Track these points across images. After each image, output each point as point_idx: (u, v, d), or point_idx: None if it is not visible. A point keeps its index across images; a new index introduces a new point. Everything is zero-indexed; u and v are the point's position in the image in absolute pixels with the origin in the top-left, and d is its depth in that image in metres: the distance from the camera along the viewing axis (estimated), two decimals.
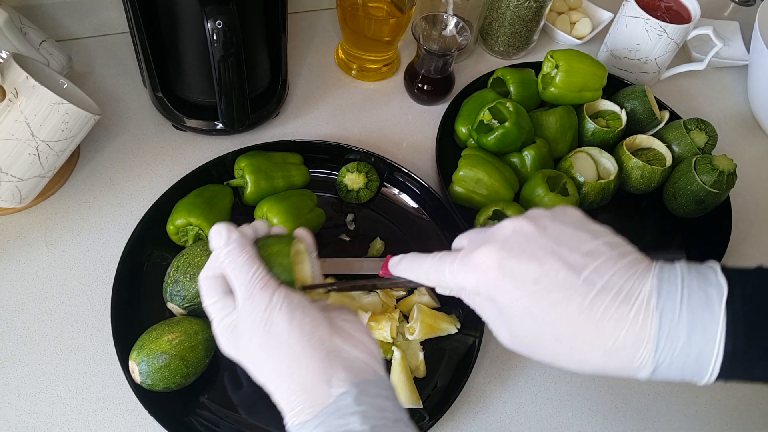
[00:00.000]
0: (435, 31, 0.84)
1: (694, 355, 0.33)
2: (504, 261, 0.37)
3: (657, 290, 0.34)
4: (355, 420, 0.37)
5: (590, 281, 0.35)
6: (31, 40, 0.71)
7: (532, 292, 0.36)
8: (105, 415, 0.59)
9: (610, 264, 0.36)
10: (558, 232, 0.38)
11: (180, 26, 0.67)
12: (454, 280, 0.40)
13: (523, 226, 0.38)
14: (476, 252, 0.38)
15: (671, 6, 0.90)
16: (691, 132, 0.81)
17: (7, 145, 0.61)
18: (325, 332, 0.40)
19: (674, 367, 0.34)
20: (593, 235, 0.38)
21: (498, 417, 0.65)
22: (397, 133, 0.85)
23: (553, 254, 0.36)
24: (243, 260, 0.42)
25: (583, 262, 0.36)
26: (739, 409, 0.69)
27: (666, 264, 0.36)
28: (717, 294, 0.34)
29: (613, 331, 0.34)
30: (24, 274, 0.66)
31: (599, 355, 0.35)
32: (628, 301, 0.34)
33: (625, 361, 0.35)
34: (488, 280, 0.38)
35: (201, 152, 0.77)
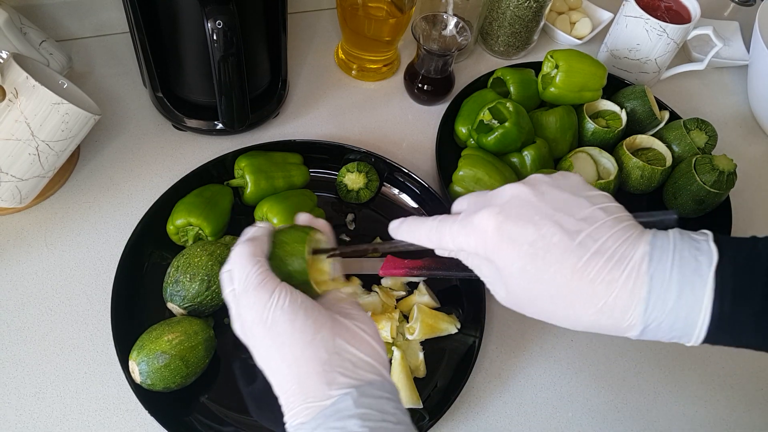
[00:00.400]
0: (435, 31, 0.84)
1: (682, 317, 0.35)
2: (502, 224, 0.38)
3: (649, 255, 0.36)
4: (353, 422, 0.37)
5: (584, 245, 0.36)
6: (31, 40, 0.71)
7: (529, 254, 0.37)
8: (105, 415, 0.59)
9: (604, 229, 0.37)
10: (555, 197, 0.39)
11: (180, 26, 0.67)
12: (453, 241, 0.41)
13: (521, 192, 0.39)
14: (475, 215, 0.39)
15: (671, 6, 0.90)
16: (691, 132, 0.81)
17: (7, 145, 0.61)
18: (327, 333, 0.40)
19: (663, 328, 0.36)
20: (590, 201, 0.39)
21: (498, 417, 0.65)
22: (397, 133, 0.85)
23: (550, 219, 0.38)
24: (245, 255, 0.42)
25: (578, 227, 0.37)
26: (739, 409, 0.69)
27: (659, 231, 0.37)
28: (707, 260, 0.35)
29: (605, 292, 0.36)
30: (24, 274, 0.66)
31: (591, 314, 0.37)
32: (621, 265, 0.36)
33: (616, 320, 0.36)
34: (486, 242, 0.39)
35: (201, 152, 0.77)
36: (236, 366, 0.62)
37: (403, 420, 0.39)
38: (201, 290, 0.59)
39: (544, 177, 0.41)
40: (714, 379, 0.71)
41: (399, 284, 0.69)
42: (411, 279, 0.70)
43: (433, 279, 0.70)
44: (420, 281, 0.69)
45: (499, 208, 0.39)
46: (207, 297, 0.60)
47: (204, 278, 0.60)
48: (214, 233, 0.66)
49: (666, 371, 0.70)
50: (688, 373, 0.71)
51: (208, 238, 0.66)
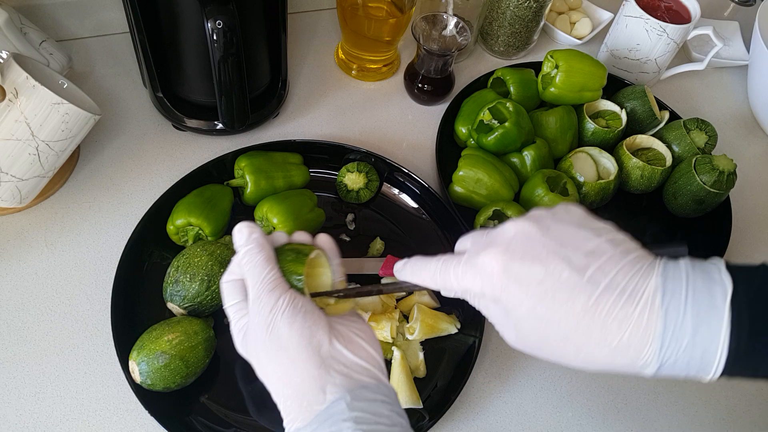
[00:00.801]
0: (435, 31, 0.84)
1: (698, 353, 0.34)
2: (508, 264, 0.37)
3: (662, 288, 0.34)
4: (347, 426, 0.37)
5: (594, 280, 0.35)
6: (31, 40, 0.71)
7: (537, 294, 0.36)
8: (105, 415, 0.59)
9: (613, 262, 0.36)
10: (560, 231, 0.38)
11: (180, 26, 0.67)
12: (459, 284, 0.40)
13: (525, 228, 0.38)
14: (480, 255, 0.38)
15: (671, 6, 0.90)
16: (691, 132, 0.81)
17: (7, 145, 0.61)
18: (324, 337, 0.40)
19: (679, 365, 0.34)
20: (596, 233, 0.38)
21: (498, 417, 0.65)
22: (397, 133, 0.85)
23: (557, 255, 0.36)
24: (259, 260, 0.42)
25: (586, 262, 0.36)
26: (738, 409, 0.69)
27: (670, 261, 0.36)
28: (721, 292, 0.34)
29: (619, 330, 0.35)
30: (24, 274, 0.66)
31: (605, 354, 0.35)
32: (633, 300, 0.34)
33: (631, 359, 0.35)
34: (493, 283, 0.38)
35: (201, 152, 0.77)
36: (236, 366, 0.62)
37: (398, 422, 0.39)
38: (201, 290, 0.59)
39: (546, 211, 0.40)
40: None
41: None
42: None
43: None
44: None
45: (503, 247, 0.38)
46: (207, 297, 0.60)
47: (204, 278, 0.60)
48: (214, 233, 0.66)
49: None
50: None
51: (208, 238, 0.66)
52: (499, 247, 0.38)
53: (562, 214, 0.39)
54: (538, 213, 0.40)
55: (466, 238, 0.43)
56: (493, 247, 0.38)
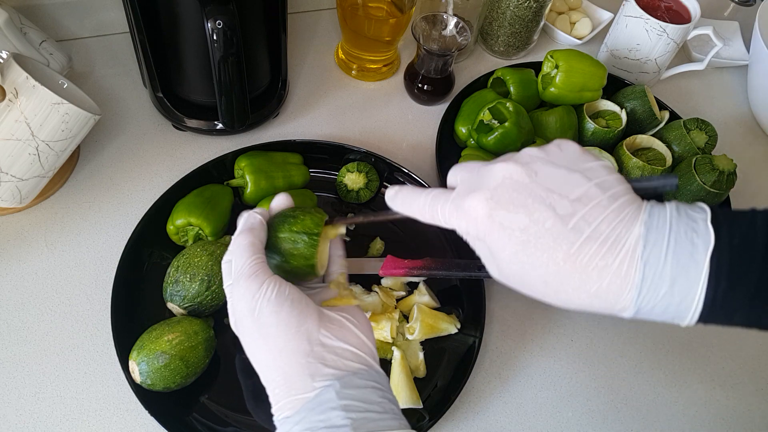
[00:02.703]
0: (435, 31, 0.84)
1: (675, 301, 0.34)
2: (493, 210, 0.37)
3: (643, 238, 0.35)
4: (336, 414, 0.37)
5: (578, 229, 0.36)
6: (31, 40, 0.71)
7: (521, 240, 0.37)
8: (105, 415, 0.59)
9: (599, 210, 0.36)
10: (549, 176, 0.38)
11: (180, 26, 0.67)
12: (446, 221, 0.41)
13: (513, 173, 0.38)
14: (467, 199, 0.39)
15: (671, 6, 0.90)
16: (691, 132, 0.81)
17: (7, 145, 0.61)
18: (312, 325, 0.41)
19: (656, 311, 0.35)
20: (586, 176, 0.37)
21: (498, 417, 0.65)
22: (397, 133, 0.85)
23: (542, 202, 0.37)
24: (244, 245, 0.43)
25: (572, 210, 0.36)
26: (739, 409, 0.69)
27: (656, 207, 0.36)
28: (703, 244, 0.34)
29: (598, 278, 0.35)
30: (24, 273, 0.66)
31: (584, 297, 0.36)
32: (614, 250, 0.35)
33: (609, 304, 0.36)
34: (478, 227, 0.38)
35: (201, 152, 0.77)
36: (236, 366, 0.62)
37: (389, 408, 0.39)
38: (201, 290, 0.59)
39: (538, 152, 0.40)
40: (714, 379, 0.71)
41: (399, 284, 0.69)
42: (411, 279, 0.70)
43: (433, 279, 0.70)
44: (420, 281, 0.69)
45: (490, 193, 0.38)
46: (207, 297, 0.60)
47: (204, 278, 0.60)
48: (214, 233, 0.66)
49: (666, 371, 0.70)
50: (688, 373, 0.71)
51: (208, 238, 0.66)
52: (486, 192, 0.38)
53: (554, 154, 0.39)
54: (529, 154, 0.40)
55: (457, 172, 0.43)
56: (479, 191, 0.38)
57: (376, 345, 0.64)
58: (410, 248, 0.73)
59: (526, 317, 0.71)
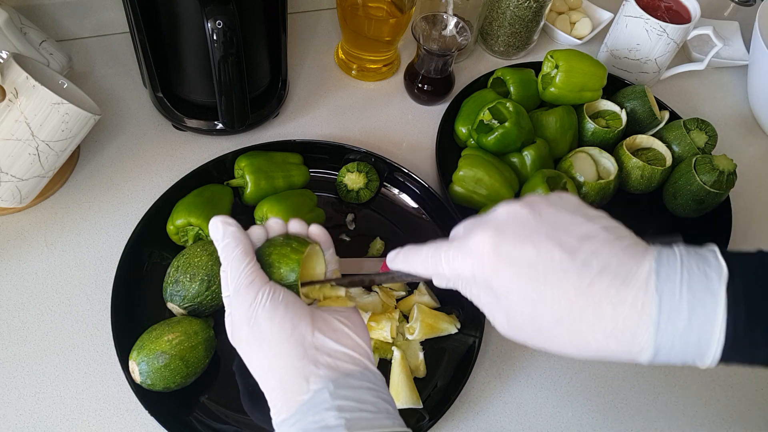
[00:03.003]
0: (435, 31, 0.84)
1: (695, 338, 0.33)
2: (499, 245, 0.37)
3: (656, 272, 0.34)
4: (330, 415, 0.38)
5: (587, 263, 0.35)
6: (31, 40, 0.71)
7: (529, 276, 0.35)
8: (105, 415, 0.59)
9: (607, 246, 0.35)
10: (553, 216, 0.37)
11: (180, 26, 0.67)
12: (450, 267, 0.39)
13: (517, 211, 0.38)
14: (471, 237, 0.38)
15: (671, 6, 0.90)
16: (691, 132, 0.81)
17: (7, 145, 0.61)
18: (306, 329, 0.41)
19: (675, 351, 0.34)
20: (589, 219, 0.37)
21: (498, 417, 0.65)
22: (397, 133, 0.85)
23: (549, 238, 0.36)
24: (235, 255, 0.43)
25: (579, 245, 0.35)
26: (739, 409, 0.69)
27: (664, 247, 0.36)
28: (717, 276, 0.33)
29: (613, 314, 0.34)
30: (24, 273, 0.66)
31: (600, 338, 0.35)
32: (627, 283, 0.34)
33: (626, 344, 0.34)
34: (484, 265, 0.37)
35: (201, 152, 0.77)
36: (234, 367, 0.62)
37: (384, 408, 0.40)
38: (201, 290, 0.59)
39: (540, 197, 0.40)
40: (714, 379, 0.71)
41: (399, 284, 0.69)
42: (414, 280, 0.70)
43: None
44: (420, 281, 0.69)
45: (494, 230, 0.37)
46: (207, 297, 0.60)
47: (204, 278, 0.60)
48: None
49: (666, 371, 0.70)
50: (688, 373, 0.71)
51: (208, 238, 0.66)
52: (491, 229, 0.37)
53: (555, 200, 0.39)
54: (531, 198, 0.40)
55: (459, 225, 0.42)
56: (484, 229, 0.38)
57: (377, 345, 0.64)
58: None
59: None
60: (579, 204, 0.39)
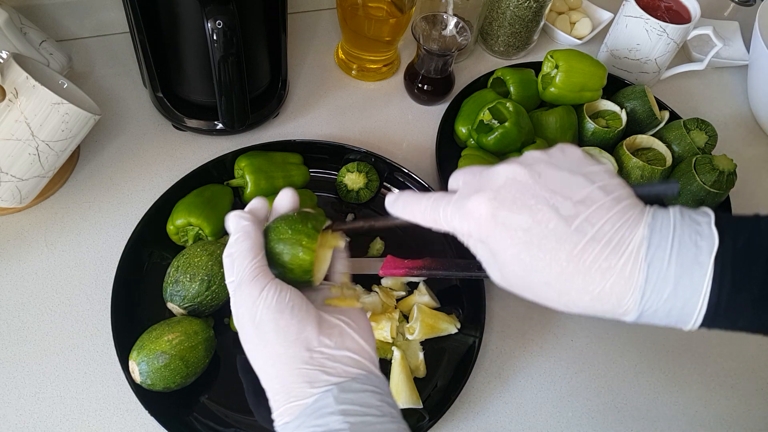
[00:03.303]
0: (435, 31, 0.84)
1: (679, 303, 0.34)
2: (496, 210, 0.37)
3: (647, 240, 0.35)
4: (334, 419, 0.37)
5: (581, 230, 0.35)
6: (31, 40, 0.71)
7: (524, 241, 0.36)
8: (105, 415, 0.59)
9: (602, 212, 0.36)
10: (552, 178, 0.38)
11: (180, 26, 0.67)
12: (448, 224, 0.40)
13: (516, 174, 0.38)
14: (469, 200, 0.39)
15: (671, 6, 0.90)
16: (691, 132, 0.81)
17: (7, 145, 0.61)
18: (311, 333, 0.40)
19: (659, 314, 0.35)
20: (589, 179, 0.38)
21: (498, 417, 0.65)
22: (397, 133, 0.85)
23: (545, 203, 0.36)
24: (244, 249, 0.42)
25: (575, 211, 0.36)
26: (739, 409, 0.69)
27: (659, 210, 0.36)
28: (707, 247, 0.34)
29: (601, 280, 0.35)
30: (24, 274, 0.66)
31: (587, 300, 0.36)
32: (618, 251, 0.35)
33: (612, 306, 0.36)
34: (480, 227, 0.38)
35: (201, 152, 0.77)
36: (237, 364, 0.62)
37: (388, 412, 0.39)
38: (201, 290, 0.59)
39: (542, 155, 0.40)
40: (714, 380, 0.71)
41: (399, 284, 0.69)
42: (411, 279, 0.70)
43: (433, 279, 0.70)
44: (420, 281, 0.69)
45: (493, 193, 0.38)
46: (207, 297, 0.60)
47: (204, 278, 0.60)
48: (214, 233, 0.66)
49: (666, 371, 0.70)
50: (689, 373, 0.71)
51: (208, 238, 0.66)
52: (489, 192, 0.38)
53: (557, 157, 0.39)
54: (532, 156, 0.40)
55: (458, 175, 0.43)
56: (482, 192, 0.38)
57: (376, 345, 0.64)
58: (410, 248, 0.73)
59: (526, 317, 0.71)
60: (581, 160, 0.39)
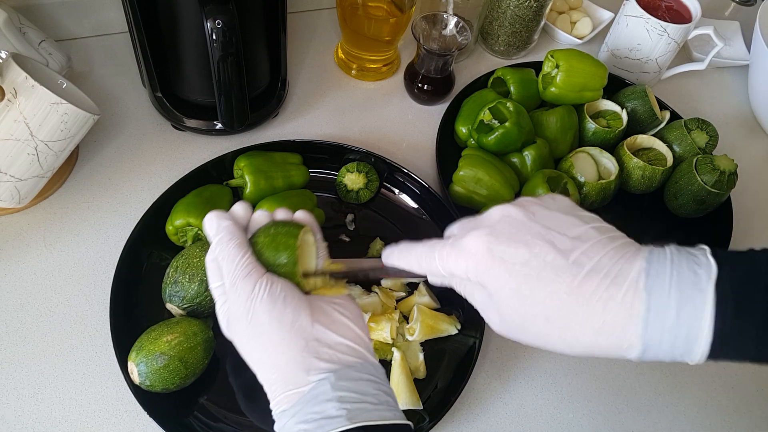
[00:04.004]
0: (435, 30, 0.83)
1: (683, 333, 0.34)
2: (493, 245, 0.37)
3: (646, 271, 0.35)
4: (331, 406, 0.38)
5: (579, 263, 0.36)
6: (31, 39, 0.71)
7: (522, 274, 0.36)
8: (104, 416, 0.59)
9: (599, 247, 0.36)
10: (546, 217, 0.38)
11: (179, 26, 0.66)
12: (444, 266, 0.40)
13: (511, 212, 0.39)
14: (465, 237, 0.39)
15: (672, 6, 0.89)
16: (692, 132, 0.81)
17: (6, 145, 0.61)
18: (306, 321, 0.41)
19: (664, 347, 0.34)
20: (582, 220, 0.38)
21: (498, 418, 0.65)
22: (397, 133, 0.85)
23: (542, 238, 0.37)
24: (231, 248, 0.42)
25: (571, 246, 0.36)
26: (739, 410, 0.69)
27: (655, 247, 0.36)
28: (706, 273, 0.34)
29: (603, 311, 0.35)
30: (23, 274, 0.66)
31: (589, 335, 0.35)
32: (618, 283, 0.35)
33: (615, 341, 0.35)
34: (478, 264, 0.38)
35: (200, 152, 0.77)
36: (227, 367, 0.62)
37: (384, 400, 0.40)
38: (200, 291, 0.59)
39: (534, 198, 0.41)
40: (714, 380, 0.71)
41: (399, 285, 0.69)
42: (411, 280, 0.70)
43: None
44: (420, 282, 0.69)
45: (488, 230, 0.38)
46: (206, 298, 0.60)
47: (203, 279, 0.59)
48: None
49: (666, 372, 0.70)
50: (689, 374, 0.70)
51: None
52: (484, 229, 0.38)
53: (548, 202, 0.40)
54: (524, 200, 0.41)
55: (454, 225, 0.43)
56: (478, 229, 0.39)
57: (377, 346, 0.64)
58: None
59: None
60: (572, 206, 0.40)
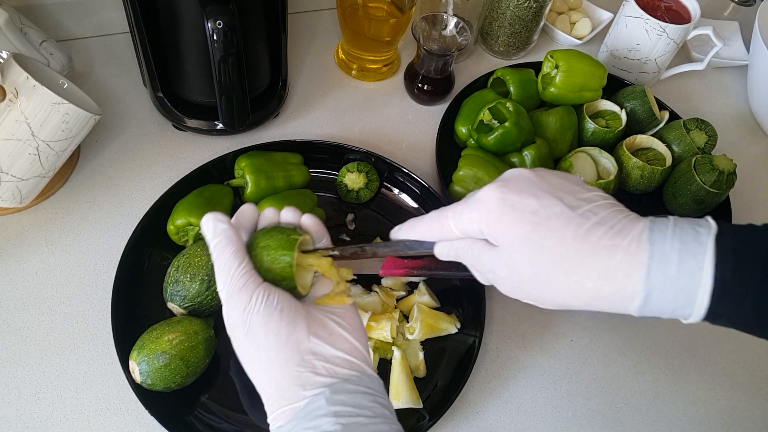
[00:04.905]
0: (435, 31, 0.84)
1: (684, 286, 0.35)
2: (505, 195, 0.40)
3: (649, 228, 0.37)
4: (326, 421, 0.37)
5: (585, 216, 0.38)
6: (32, 40, 0.71)
7: (531, 221, 0.39)
8: (105, 415, 0.59)
9: (604, 207, 0.39)
10: (554, 181, 0.41)
11: (180, 26, 0.67)
12: (457, 223, 0.42)
13: (522, 173, 0.41)
14: (478, 192, 0.41)
15: (671, 6, 0.90)
16: (691, 132, 0.81)
17: (8, 145, 0.61)
18: (302, 334, 0.40)
19: (666, 298, 0.36)
20: (587, 189, 0.41)
21: (498, 417, 0.65)
22: (397, 133, 0.85)
23: (551, 194, 0.39)
24: (227, 256, 0.41)
25: (577, 203, 0.39)
26: (739, 409, 0.69)
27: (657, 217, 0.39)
28: (706, 231, 0.36)
29: (608, 257, 0.37)
30: (24, 273, 0.66)
31: (594, 279, 0.37)
32: (622, 234, 0.37)
33: (619, 287, 0.37)
34: (490, 213, 0.40)
35: (201, 152, 0.77)
36: (232, 366, 0.62)
37: (381, 413, 0.39)
38: (201, 290, 0.59)
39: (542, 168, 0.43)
40: (714, 380, 0.71)
41: (399, 284, 0.69)
42: (411, 279, 0.70)
43: (433, 279, 0.70)
44: (420, 281, 0.69)
45: (501, 182, 0.41)
46: (207, 297, 0.60)
47: (204, 278, 0.60)
48: None
49: (666, 371, 0.70)
50: (688, 373, 0.71)
51: None
52: (498, 182, 0.41)
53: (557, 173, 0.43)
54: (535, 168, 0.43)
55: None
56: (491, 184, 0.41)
57: (377, 345, 0.65)
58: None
59: (526, 317, 0.71)
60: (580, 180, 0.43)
